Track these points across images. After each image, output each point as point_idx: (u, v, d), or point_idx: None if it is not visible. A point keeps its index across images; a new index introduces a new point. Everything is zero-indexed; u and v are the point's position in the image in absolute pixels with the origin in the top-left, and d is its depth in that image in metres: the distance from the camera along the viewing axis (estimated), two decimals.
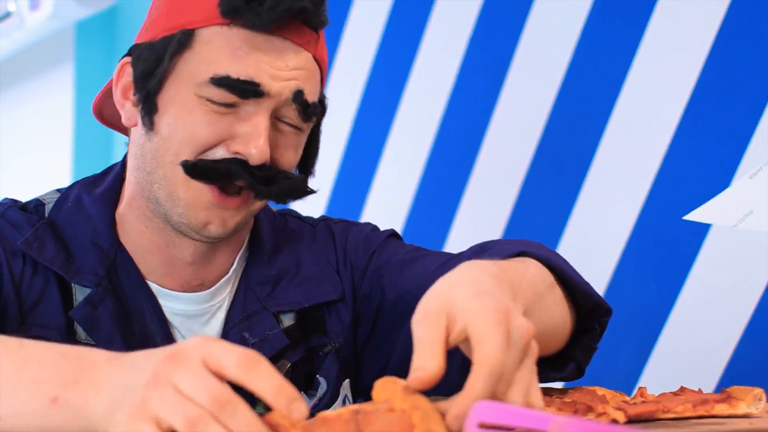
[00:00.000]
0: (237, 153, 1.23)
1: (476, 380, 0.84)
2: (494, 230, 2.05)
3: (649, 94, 1.81)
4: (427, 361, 0.85)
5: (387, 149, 2.33)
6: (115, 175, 1.37)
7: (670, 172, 1.76)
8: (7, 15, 3.46)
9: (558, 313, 1.17)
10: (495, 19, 2.10)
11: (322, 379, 1.37)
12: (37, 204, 1.35)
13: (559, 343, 1.21)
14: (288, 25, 1.24)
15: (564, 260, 1.23)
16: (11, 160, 4.08)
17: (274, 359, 1.32)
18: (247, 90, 1.21)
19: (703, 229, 1.70)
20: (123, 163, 1.37)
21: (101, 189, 1.35)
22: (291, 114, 1.26)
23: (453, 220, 2.15)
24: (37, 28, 3.43)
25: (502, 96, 2.06)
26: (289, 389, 0.80)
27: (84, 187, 1.36)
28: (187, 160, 1.23)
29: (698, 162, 1.72)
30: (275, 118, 1.26)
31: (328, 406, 1.35)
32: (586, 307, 1.22)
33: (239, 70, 1.22)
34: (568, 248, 1.92)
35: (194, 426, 0.79)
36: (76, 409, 0.87)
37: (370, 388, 1.38)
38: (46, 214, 1.33)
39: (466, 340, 0.89)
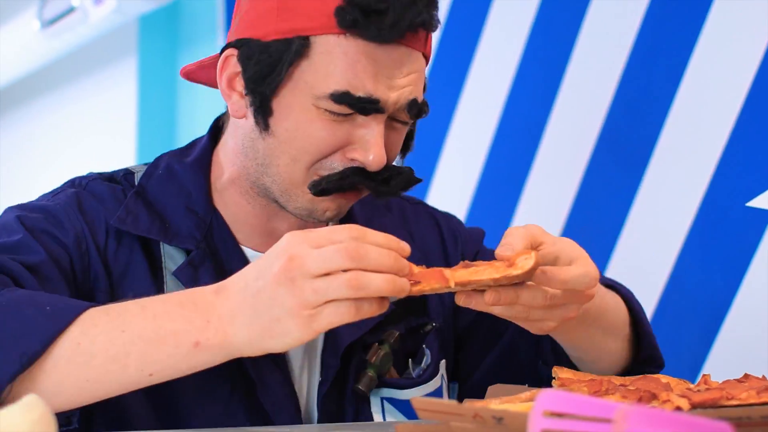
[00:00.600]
0: (354, 160, 1.25)
1: (577, 269, 1.09)
2: (556, 220, 2.05)
3: (711, 80, 1.79)
4: (514, 239, 1.07)
5: (449, 141, 2.33)
6: (203, 145, 1.38)
7: (733, 158, 1.75)
8: (72, 10, 3.51)
9: (614, 341, 1.34)
10: (556, 9, 2.09)
11: (426, 350, 1.39)
12: (126, 173, 1.38)
13: (608, 366, 1.35)
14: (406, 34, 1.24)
15: (641, 306, 1.39)
16: (77, 153, 4.14)
17: (380, 327, 1.34)
18: (366, 108, 1.22)
19: (766, 215, 1.69)
20: (209, 135, 1.39)
21: (192, 158, 1.37)
22: (403, 116, 1.27)
23: (514, 212, 2.15)
24: (100, 23, 3.47)
25: (564, 84, 2.06)
26: (393, 236, 1.04)
27: (173, 157, 1.38)
28: (315, 182, 1.25)
29: (761, 148, 1.70)
30: (388, 119, 1.27)
31: (429, 380, 1.37)
32: (645, 353, 1.36)
33: (358, 85, 1.21)
34: (630, 236, 1.91)
35: (359, 285, 0.96)
36: (218, 345, 1.04)
37: (464, 375, 1.49)
38: (136, 183, 1.36)
39: (552, 261, 1.09)
